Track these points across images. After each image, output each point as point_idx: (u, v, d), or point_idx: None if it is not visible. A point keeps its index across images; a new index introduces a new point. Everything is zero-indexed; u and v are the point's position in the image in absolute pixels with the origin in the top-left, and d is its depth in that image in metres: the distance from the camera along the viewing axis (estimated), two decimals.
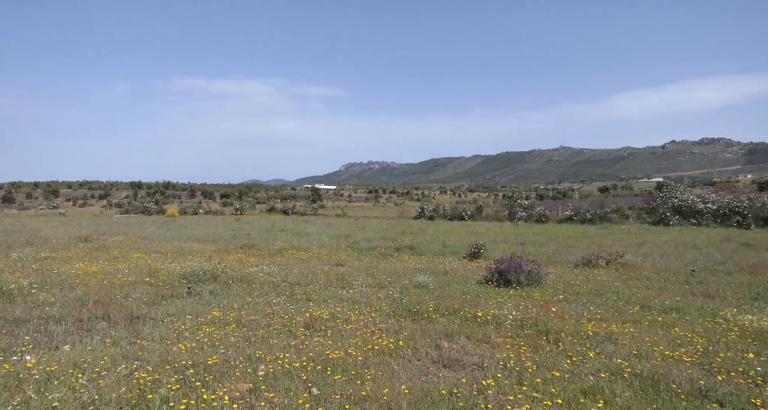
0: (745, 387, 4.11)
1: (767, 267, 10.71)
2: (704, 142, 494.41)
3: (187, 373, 4.35)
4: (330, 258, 13.37)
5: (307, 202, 60.82)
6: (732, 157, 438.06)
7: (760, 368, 4.49)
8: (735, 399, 3.83)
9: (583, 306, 7.28)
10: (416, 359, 4.95)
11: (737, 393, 3.94)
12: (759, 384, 4.15)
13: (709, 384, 4.11)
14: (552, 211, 31.51)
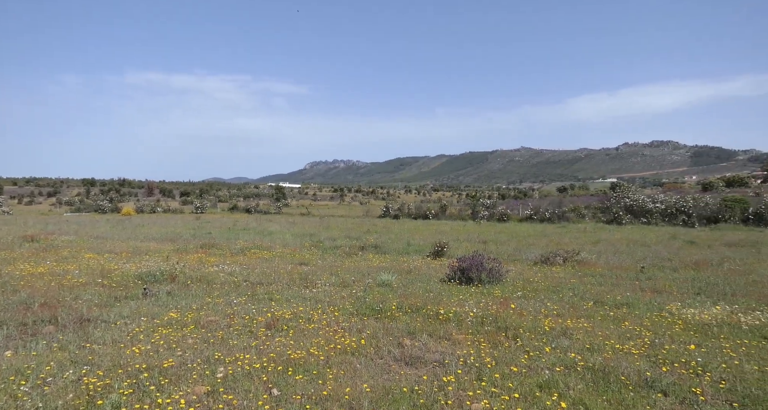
0: (687, 377, 4.36)
1: (709, 264, 11.39)
2: (654, 144, 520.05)
3: (140, 377, 4.20)
4: (293, 257, 13.22)
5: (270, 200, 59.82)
6: (679, 159, 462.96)
7: (700, 358, 4.78)
8: (677, 389, 4.06)
9: (540, 302, 7.51)
10: (378, 357, 4.97)
11: (679, 383, 4.18)
12: (699, 374, 4.41)
13: (655, 375, 4.33)
14: (513, 210, 32.33)
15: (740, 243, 15.90)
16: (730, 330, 5.92)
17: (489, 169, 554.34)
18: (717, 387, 4.13)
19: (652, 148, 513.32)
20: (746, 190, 60.11)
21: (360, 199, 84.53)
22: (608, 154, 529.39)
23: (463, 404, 3.79)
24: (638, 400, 3.86)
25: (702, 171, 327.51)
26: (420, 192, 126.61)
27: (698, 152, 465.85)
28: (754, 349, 5.18)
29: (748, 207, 25.07)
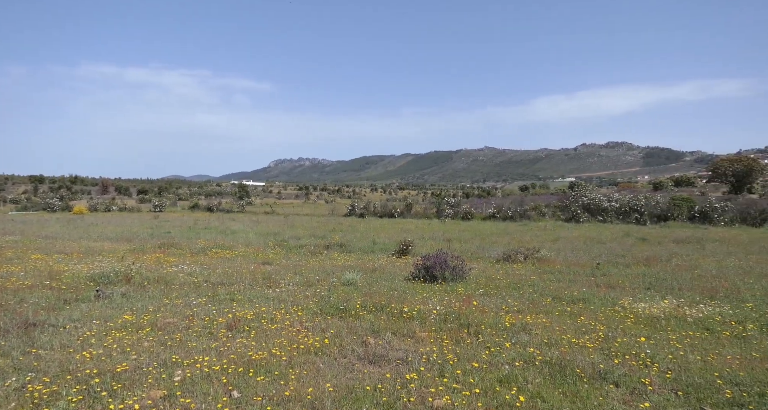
0: (637, 368, 4.56)
1: (659, 260, 11.97)
2: (610, 145, 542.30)
3: (91, 383, 4.01)
4: (257, 256, 12.98)
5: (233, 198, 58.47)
6: (632, 159, 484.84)
7: (649, 350, 5.02)
8: (628, 380, 4.24)
9: (502, 299, 7.68)
10: (342, 356, 4.95)
11: (630, 374, 4.37)
12: (648, 365, 4.63)
13: (608, 367, 4.52)
14: (477, 209, 32.95)
15: (687, 240, 16.80)
16: (677, 322, 6.25)
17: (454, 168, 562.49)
18: (664, 377, 4.35)
19: (607, 148, 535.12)
20: (693, 189, 63.69)
21: (326, 197, 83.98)
22: (567, 155, 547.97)
23: (426, 401, 3.83)
24: (592, 392, 4.02)
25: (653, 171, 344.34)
26: (386, 190, 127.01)
27: (650, 153, 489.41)
28: (698, 340, 5.49)
29: (694, 205, 26.52)
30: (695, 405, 3.81)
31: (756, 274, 9.86)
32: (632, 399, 3.91)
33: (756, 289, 8.34)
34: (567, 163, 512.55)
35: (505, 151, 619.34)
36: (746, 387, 4.11)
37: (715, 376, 4.32)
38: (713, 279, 9.26)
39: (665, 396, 3.95)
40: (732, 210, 25.45)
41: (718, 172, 58.28)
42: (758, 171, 57.21)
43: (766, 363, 4.70)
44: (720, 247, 14.80)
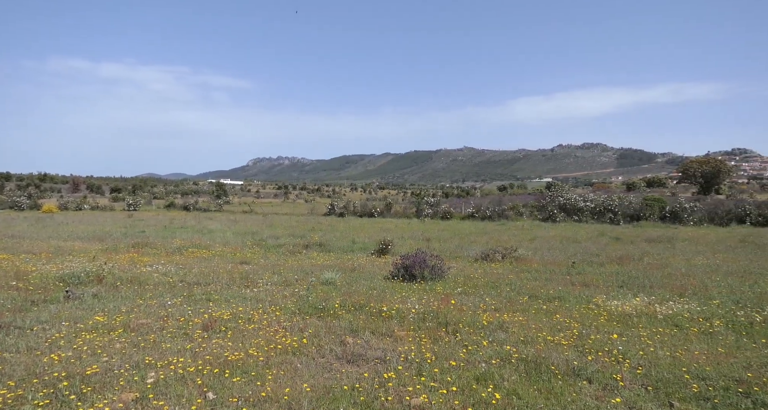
0: (609, 364, 4.67)
1: (631, 259, 12.29)
2: (585, 146, 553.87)
3: (59, 386, 3.89)
4: (234, 256, 12.81)
5: (211, 197, 57.52)
6: (607, 160, 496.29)
7: (621, 347, 5.15)
8: (600, 376, 4.34)
9: (480, 297, 7.77)
10: (320, 356, 4.92)
11: (603, 371, 4.47)
12: (620, 361, 4.75)
13: (581, 363, 4.62)
14: (456, 209, 33.21)
15: (658, 239, 17.28)
16: (648, 319, 6.42)
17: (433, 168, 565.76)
18: (635, 373, 4.47)
19: (583, 149, 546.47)
20: (664, 190, 65.60)
21: (305, 196, 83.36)
22: (544, 155, 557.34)
23: (403, 399, 3.84)
24: (566, 388, 4.09)
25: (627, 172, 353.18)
26: (366, 190, 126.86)
27: (623, 154, 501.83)
28: (668, 337, 5.66)
29: (665, 206, 27.31)
30: (664, 399, 3.92)
31: (722, 272, 10.21)
32: (604, 394, 4.00)
33: (722, 287, 8.64)
34: (544, 163, 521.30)
35: (484, 151, 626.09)
36: (712, 381, 4.25)
37: (683, 371, 4.46)
38: (682, 278, 9.54)
39: (636, 392, 4.06)
40: (700, 210, 26.30)
41: (687, 173, 60.20)
42: (725, 172, 59.34)
43: (731, 358, 4.87)
44: (689, 246, 15.27)
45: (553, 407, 3.76)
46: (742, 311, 6.80)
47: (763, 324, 6.18)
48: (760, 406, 3.78)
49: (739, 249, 14.31)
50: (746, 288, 8.46)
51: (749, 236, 18.01)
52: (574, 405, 3.79)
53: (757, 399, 3.88)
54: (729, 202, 30.63)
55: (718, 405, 3.81)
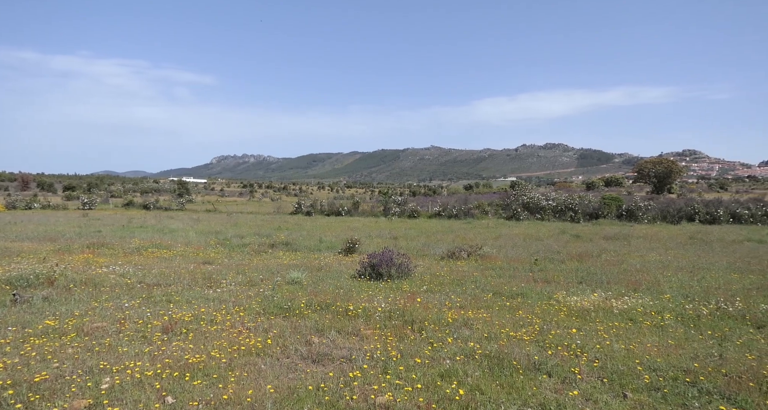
0: (568, 358, 4.83)
1: (590, 255, 12.74)
2: (548, 146, 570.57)
3: (3, 395, 3.68)
4: (197, 256, 12.47)
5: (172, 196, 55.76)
6: (568, 160, 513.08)
7: (579, 341, 5.33)
8: (560, 370, 4.49)
9: (445, 295, 7.86)
10: (285, 356, 4.86)
11: (562, 364, 4.62)
12: (578, 355, 4.92)
13: (542, 358, 4.75)
14: (423, 207, 33.48)
15: (615, 236, 17.98)
16: (605, 314, 6.68)
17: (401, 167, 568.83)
18: (592, 366, 4.64)
19: (546, 150, 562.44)
20: (621, 189, 68.37)
21: (271, 195, 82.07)
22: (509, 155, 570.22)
23: (368, 398, 3.85)
24: (527, 382, 4.21)
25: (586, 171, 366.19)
26: (333, 188, 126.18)
27: (583, 154, 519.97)
28: (623, 330, 5.90)
29: (622, 204, 28.43)
30: (618, 390, 4.09)
31: (673, 268, 10.73)
32: (563, 387, 4.13)
33: (673, 282, 9.08)
34: (509, 162, 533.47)
35: (450, 151, 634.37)
36: (662, 372, 4.47)
37: (636, 363, 4.66)
38: (637, 273, 9.97)
39: (592, 384, 4.21)
40: (654, 208, 27.54)
41: (642, 173, 62.93)
42: (676, 172, 62.40)
43: (680, 350, 5.13)
44: (643, 243, 15.96)
45: (514, 401, 3.85)
46: (690, 304, 7.17)
47: (709, 316, 6.54)
48: (705, 394, 4.00)
49: (688, 246, 15.08)
50: (694, 283, 8.92)
51: (698, 233, 19.01)
52: (534, 398, 3.90)
53: (702, 388, 4.10)
54: (680, 200, 32.22)
55: (668, 394, 4.00)
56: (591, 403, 3.85)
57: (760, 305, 7.02)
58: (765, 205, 26.39)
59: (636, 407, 3.79)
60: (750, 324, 6.17)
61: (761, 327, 6.05)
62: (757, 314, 6.51)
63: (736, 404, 3.83)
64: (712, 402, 3.85)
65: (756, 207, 26.02)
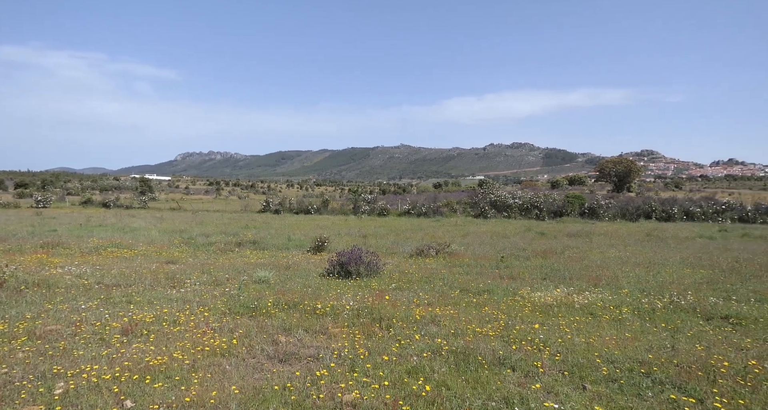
0: (531, 353, 4.96)
1: (554, 252, 13.11)
2: (515, 145, 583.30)
3: None
4: (160, 255, 12.10)
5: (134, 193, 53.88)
6: (534, 159, 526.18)
7: (542, 336, 5.48)
8: (523, 364, 4.60)
9: (414, 292, 7.92)
10: (251, 357, 4.79)
11: (525, 359, 4.74)
12: (541, 349, 5.05)
13: (506, 353, 4.86)
14: (393, 205, 33.60)
15: (578, 233, 18.57)
16: (567, 309, 6.89)
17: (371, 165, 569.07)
18: (554, 359, 4.77)
19: (512, 149, 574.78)
20: (584, 187, 70.63)
21: (238, 193, 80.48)
22: (477, 154, 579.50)
23: (335, 396, 3.84)
24: (491, 377, 4.29)
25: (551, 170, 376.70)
26: (302, 186, 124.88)
27: (549, 154, 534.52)
28: (583, 324, 6.10)
29: (584, 202, 29.38)
30: (578, 382, 4.23)
31: (631, 263, 11.17)
32: (526, 381, 4.24)
33: (631, 277, 9.46)
34: (477, 161, 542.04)
35: (420, 149, 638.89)
36: (619, 364, 4.65)
37: (595, 356, 4.83)
38: (597, 269, 10.33)
39: (554, 377, 4.34)
40: (614, 206, 28.59)
41: (603, 172, 65.21)
42: (635, 172, 65.01)
43: (636, 342, 5.35)
44: (604, 240, 16.54)
45: (479, 395, 3.92)
46: (646, 299, 7.48)
47: (663, 310, 6.85)
48: (658, 384, 4.19)
49: (645, 243, 15.73)
50: (650, 278, 9.32)
51: (654, 230, 19.87)
52: (498, 392, 3.98)
53: (656, 378, 4.29)
54: (638, 199, 33.56)
55: (624, 385, 4.17)
56: (552, 396, 3.97)
57: (709, 298, 7.41)
58: (715, 203, 27.85)
59: (594, 398, 3.93)
60: (700, 317, 6.50)
61: (710, 319, 6.39)
62: (707, 307, 6.86)
63: (685, 392, 4.03)
64: (664, 392, 4.04)
65: (707, 206, 27.42)
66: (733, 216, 25.97)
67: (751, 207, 26.84)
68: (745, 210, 26.32)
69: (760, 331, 5.81)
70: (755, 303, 7.20)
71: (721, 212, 26.49)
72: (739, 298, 7.49)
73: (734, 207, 27.00)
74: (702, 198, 33.65)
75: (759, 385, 4.14)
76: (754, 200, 32.69)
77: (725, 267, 10.59)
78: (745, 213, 25.92)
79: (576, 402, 3.82)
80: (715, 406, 3.76)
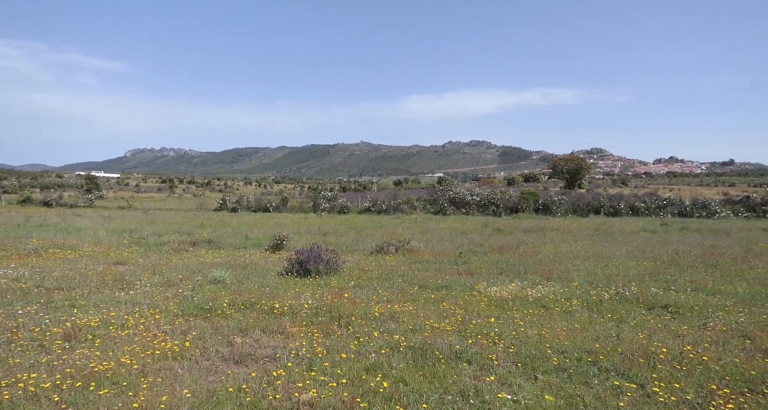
0: (487, 346, 5.09)
1: (510, 248, 13.49)
2: (472, 143, 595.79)
3: None
4: (108, 256, 11.54)
5: (80, 192, 51.00)
6: (491, 157, 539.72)
7: (497, 329, 5.63)
8: (479, 357, 4.71)
9: (373, 290, 7.94)
10: (205, 359, 4.66)
11: (481, 352, 4.85)
12: (496, 342, 5.19)
13: (463, 347, 4.96)
14: (353, 203, 33.52)
15: (532, 229, 19.20)
16: (521, 302, 7.11)
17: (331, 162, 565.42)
18: (508, 352, 4.92)
19: (471, 146, 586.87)
20: (538, 184, 73.07)
21: (194, 190, 77.81)
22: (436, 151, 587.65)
23: (292, 396, 3.79)
24: (448, 371, 4.37)
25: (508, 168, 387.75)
26: (261, 184, 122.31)
27: (505, 152, 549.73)
28: (536, 317, 6.32)
29: (539, 199, 30.41)
30: (530, 373, 4.38)
31: (582, 257, 11.66)
32: (481, 374, 4.34)
33: (581, 270, 9.87)
34: (436, 159, 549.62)
35: (380, 147, 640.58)
36: (569, 354, 4.85)
37: (547, 347, 5.01)
38: (550, 263, 10.72)
39: (508, 369, 4.47)
40: (566, 203, 29.76)
41: (556, 169, 67.75)
42: (585, 169, 67.97)
43: (584, 333, 5.59)
44: (557, 235, 17.18)
45: (436, 390, 3.98)
46: (594, 291, 7.84)
47: (609, 301, 7.20)
48: (603, 372, 4.40)
49: (594, 237, 16.47)
50: (599, 271, 9.77)
51: (603, 225, 20.83)
52: (454, 386, 4.06)
53: (602, 366, 4.51)
54: (588, 195, 35.08)
55: (573, 374, 4.35)
56: (506, 387, 4.09)
57: (651, 289, 7.85)
58: (657, 199, 29.53)
59: (545, 387, 4.08)
60: (642, 307, 6.88)
61: (651, 309, 6.77)
62: (649, 297, 7.27)
63: (628, 378, 4.25)
64: (609, 379, 4.25)
65: (650, 201, 29.04)
66: (673, 211, 27.62)
67: (689, 202, 28.63)
68: (684, 205, 28.05)
69: (695, 318, 6.22)
70: (691, 292, 7.70)
71: (663, 207, 28.11)
72: (678, 288, 7.98)
73: (674, 203, 28.72)
74: (646, 194, 35.59)
75: (693, 369, 4.43)
76: (691, 195, 34.91)
77: (666, 259, 11.26)
78: (683, 208, 27.62)
79: (528, 392, 3.96)
80: (654, 390, 3.99)
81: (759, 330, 5.62)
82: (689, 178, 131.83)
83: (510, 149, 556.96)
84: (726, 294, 7.56)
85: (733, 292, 7.71)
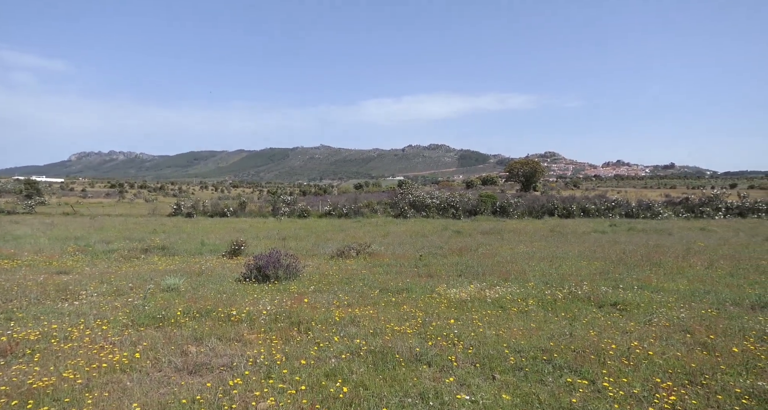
0: (446, 347, 5.15)
1: (469, 250, 13.74)
2: (432, 147, 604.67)
3: None
4: (50, 265, 10.86)
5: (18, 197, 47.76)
6: (450, 160, 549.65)
7: (456, 330, 5.71)
8: (438, 359, 4.76)
9: (333, 294, 7.87)
10: (156, 370, 4.46)
11: (440, 354, 4.91)
12: (455, 344, 5.26)
13: (423, 349, 4.99)
14: (313, 207, 33.17)
15: (491, 231, 19.65)
16: (480, 303, 7.24)
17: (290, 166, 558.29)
18: (467, 352, 4.99)
19: (430, 150, 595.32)
20: (495, 187, 75.00)
21: (145, 195, 74.58)
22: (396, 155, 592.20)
23: (249, 405, 3.69)
24: (408, 374, 4.39)
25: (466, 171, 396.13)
26: (218, 188, 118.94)
27: (463, 155, 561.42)
28: (494, 317, 6.46)
29: (496, 201, 31.18)
30: (488, 373, 4.47)
31: (537, 258, 12.04)
32: (441, 375, 4.39)
33: (537, 271, 10.19)
34: (396, 162, 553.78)
35: (340, 150, 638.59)
36: (525, 353, 4.98)
37: (504, 347, 5.13)
38: (507, 264, 11.00)
39: (466, 369, 4.54)
40: (522, 205, 30.69)
41: (512, 172, 69.78)
42: (540, 172, 70.39)
43: (539, 331, 5.77)
44: (514, 237, 17.67)
45: (396, 393, 3.99)
46: (549, 290, 8.10)
47: (563, 300, 7.46)
48: (557, 369, 4.55)
49: (549, 238, 17.06)
50: (553, 271, 10.12)
51: (557, 227, 21.62)
52: (414, 388, 4.07)
53: (556, 364, 4.66)
54: (543, 197, 36.31)
55: (528, 372, 4.47)
56: (465, 388, 4.15)
57: (601, 287, 8.20)
58: (606, 201, 30.98)
59: (502, 387, 4.17)
60: (593, 305, 7.18)
61: (602, 307, 7.07)
62: (599, 295, 7.59)
63: (580, 375, 4.42)
64: (562, 376, 4.40)
65: (600, 203, 30.42)
66: (621, 212, 29.03)
67: (635, 204, 30.20)
68: (630, 206, 29.56)
69: (641, 315, 6.54)
70: (638, 290, 8.10)
71: (612, 208, 29.51)
72: (625, 286, 8.38)
73: (622, 204, 30.21)
74: (596, 196, 37.24)
75: (639, 364, 4.66)
76: (637, 197, 36.83)
77: (614, 258, 11.81)
78: (630, 210, 29.10)
79: (486, 392, 4.03)
80: (604, 386, 4.16)
81: (698, 324, 5.98)
82: (635, 181, 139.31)
83: (468, 153, 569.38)
84: (669, 291, 8.01)
85: (675, 289, 8.18)
